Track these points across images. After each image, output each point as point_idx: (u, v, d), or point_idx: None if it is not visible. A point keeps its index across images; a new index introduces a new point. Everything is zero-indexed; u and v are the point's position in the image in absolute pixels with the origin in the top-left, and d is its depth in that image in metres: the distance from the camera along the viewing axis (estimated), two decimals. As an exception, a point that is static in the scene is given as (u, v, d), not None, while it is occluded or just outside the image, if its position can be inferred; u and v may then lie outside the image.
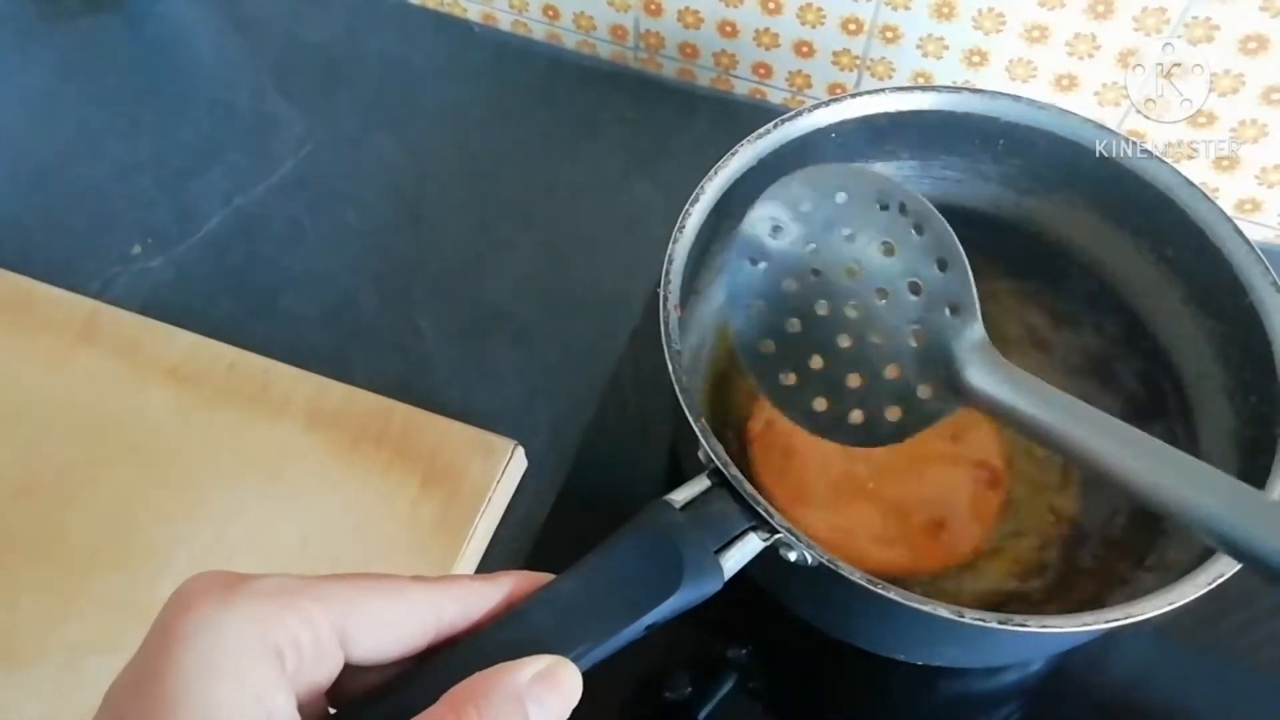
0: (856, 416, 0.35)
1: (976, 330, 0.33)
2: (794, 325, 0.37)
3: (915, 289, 0.35)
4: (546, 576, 0.27)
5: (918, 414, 0.35)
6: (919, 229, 0.34)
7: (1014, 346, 0.46)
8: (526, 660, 0.23)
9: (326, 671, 0.23)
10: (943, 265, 0.34)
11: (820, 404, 0.36)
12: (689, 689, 0.39)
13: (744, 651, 0.41)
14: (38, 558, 0.41)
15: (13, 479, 0.43)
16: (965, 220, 0.46)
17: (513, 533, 0.44)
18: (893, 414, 0.35)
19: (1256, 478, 0.34)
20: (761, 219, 0.37)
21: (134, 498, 0.43)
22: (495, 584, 0.26)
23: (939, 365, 0.34)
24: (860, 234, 0.36)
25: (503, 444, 0.44)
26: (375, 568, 0.40)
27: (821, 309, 0.36)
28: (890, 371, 0.35)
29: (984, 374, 0.33)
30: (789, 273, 0.37)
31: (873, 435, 0.35)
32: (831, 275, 0.36)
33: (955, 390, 0.33)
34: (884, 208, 0.35)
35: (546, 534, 0.44)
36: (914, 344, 0.35)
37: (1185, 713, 0.40)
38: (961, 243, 0.49)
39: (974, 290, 0.34)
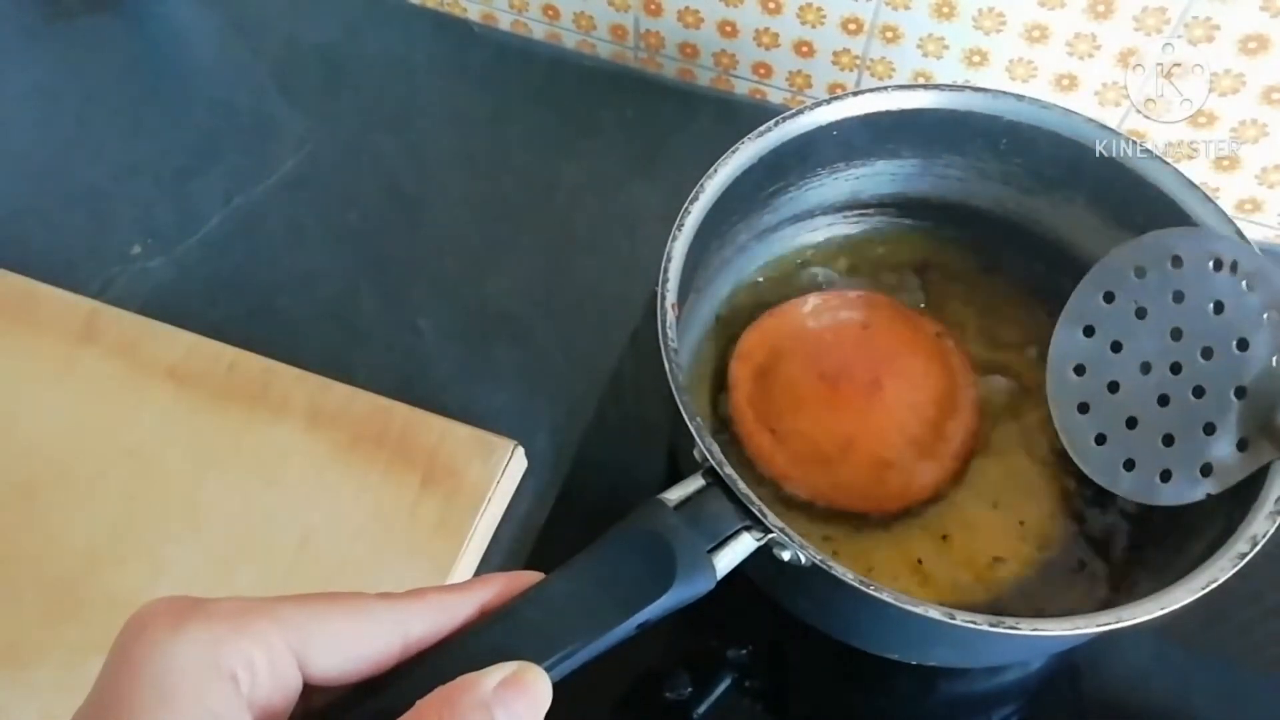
0: (1165, 476, 0.36)
1: None
2: (1112, 388, 0.38)
3: (1243, 345, 0.35)
4: (537, 576, 0.27)
5: (1227, 470, 0.35)
6: (1251, 287, 0.35)
7: (1012, 344, 0.46)
8: (492, 668, 0.23)
9: (284, 694, 0.22)
10: (1276, 321, 0.34)
11: (1129, 465, 0.37)
12: (689, 689, 0.39)
13: (743, 651, 0.41)
14: (38, 558, 0.41)
15: (13, 479, 0.43)
16: (967, 218, 0.46)
17: (513, 532, 0.44)
18: (1204, 471, 0.35)
19: (1255, 479, 0.34)
20: (1094, 288, 0.38)
21: (134, 498, 0.43)
22: (465, 595, 0.25)
23: (1260, 420, 0.34)
24: (1190, 295, 0.36)
25: (503, 444, 0.44)
26: (375, 567, 0.41)
27: (1143, 372, 0.37)
28: (1203, 430, 0.35)
29: None
30: (1116, 338, 0.38)
31: (1180, 494, 0.36)
32: (1157, 337, 0.37)
33: (1273, 440, 0.33)
34: (1217, 267, 0.36)
35: (546, 534, 0.44)
36: (1235, 400, 0.35)
37: (1185, 713, 0.40)
38: (963, 241, 0.49)
39: None
